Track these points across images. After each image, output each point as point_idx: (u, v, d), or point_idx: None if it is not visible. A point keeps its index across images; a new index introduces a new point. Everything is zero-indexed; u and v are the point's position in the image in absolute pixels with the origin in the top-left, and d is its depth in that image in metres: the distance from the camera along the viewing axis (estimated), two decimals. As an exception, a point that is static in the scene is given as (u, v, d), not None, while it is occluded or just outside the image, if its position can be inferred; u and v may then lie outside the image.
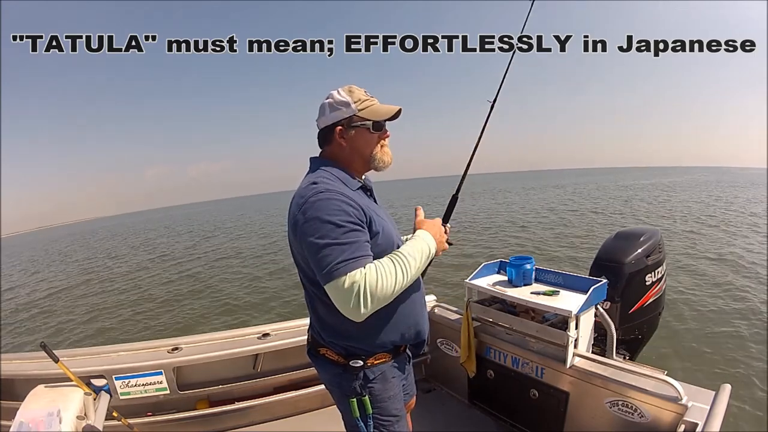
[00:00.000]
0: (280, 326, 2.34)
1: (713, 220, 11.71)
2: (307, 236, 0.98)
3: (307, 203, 0.99)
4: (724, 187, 26.39)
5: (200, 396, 2.18)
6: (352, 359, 1.11)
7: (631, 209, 15.44)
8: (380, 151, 1.15)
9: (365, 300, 0.92)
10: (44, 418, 1.30)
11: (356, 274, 0.93)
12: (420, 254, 1.06)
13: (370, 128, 1.11)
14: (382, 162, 1.16)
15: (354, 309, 0.93)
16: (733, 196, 20.02)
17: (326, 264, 0.94)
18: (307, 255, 1.00)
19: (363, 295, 0.92)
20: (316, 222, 0.96)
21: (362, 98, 1.10)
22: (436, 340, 2.39)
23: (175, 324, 6.57)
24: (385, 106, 1.14)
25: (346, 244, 0.95)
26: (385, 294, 0.95)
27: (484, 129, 1.73)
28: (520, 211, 16.73)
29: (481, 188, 40.98)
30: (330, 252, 0.94)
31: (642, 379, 1.52)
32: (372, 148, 1.14)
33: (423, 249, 1.08)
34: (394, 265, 0.99)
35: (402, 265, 0.99)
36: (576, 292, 1.80)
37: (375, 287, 0.93)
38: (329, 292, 0.96)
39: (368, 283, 0.93)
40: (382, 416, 1.14)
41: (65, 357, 1.75)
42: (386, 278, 0.95)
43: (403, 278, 0.99)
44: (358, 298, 0.92)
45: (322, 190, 1.00)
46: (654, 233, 2.35)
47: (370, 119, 1.10)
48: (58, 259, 19.92)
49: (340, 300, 0.94)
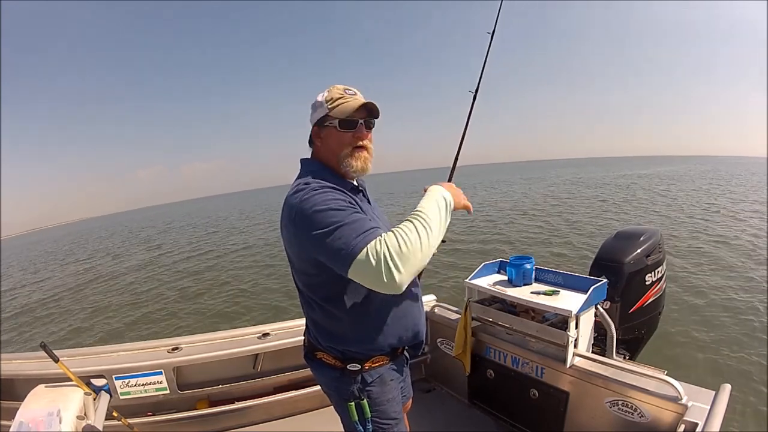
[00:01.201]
0: (280, 326, 2.34)
1: (713, 216, 11.70)
2: (310, 231, 0.93)
3: (302, 201, 0.96)
4: (722, 178, 26.56)
5: (200, 396, 2.18)
6: (350, 363, 1.10)
7: (628, 205, 15.39)
8: (350, 154, 1.08)
9: (396, 265, 0.84)
10: (44, 418, 1.30)
11: (375, 243, 0.86)
12: (436, 206, 0.97)
13: (336, 126, 1.07)
14: (350, 166, 1.09)
15: (389, 280, 0.84)
16: (731, 187, 20.08)
17: (340, 248, 0.88)
18: (317, 252, 0.95)
19: (393, 261, 0.84)
20: (316, 214, 0.93)
21: (335, 97, 1.06)
22: (436, 340, 2.39)
23: (176, 324, 6.57)
24: (355, 102, 1.06)
25: (353, 222, 0.91)
26: (414, 253, 0.86)
27: (469, 120, 1.71)
28: (522, 206, 16.70)
29: (477, 180, 40.99)
30: (339, 235, 0.89)
31: (642, 378, 1.52)
32: (341, 148, 1.08)
33: (438, 200, 0.99)
34: (412, 223, 0.91)
35: (421, 221, 0.91)
36: (576, 292, 1.80)
37: (401, 249, 0.85)
38: (355, 276, 0.89)
39: (392, 248, 0.85)
40: (381, 419, 1.14)
41: (65, 357, 1.75)
42: (409, 237, 0.87)
43: (426, 233, 0.90)
44: (388, 266, 0.84)
45: (315, 186, 0.99)
46: (654, 233, 2.35)
47: (337, 118, 1.06)
48: (57, 260, 19.92)
49: (371, 276, 0.86)
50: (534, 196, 20.66)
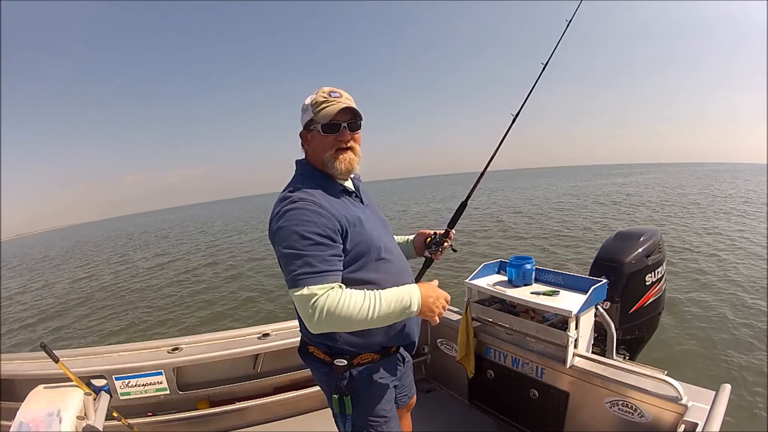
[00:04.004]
0: (280, 326, 2.34)
1: (714, 216, 11.71)
2: (277, 244, 1.03)
3: (280, 212, 1.03)
4: (723, 180, 26.33)
5: (200, 396, 2.18)
6: (337, 358, 1.12)
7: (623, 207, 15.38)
8: (334, 156, 1.11)
9: (320, 315, 0.94)
10: (44, 418, 1.29)
11: (316, 288, 0.96)
12: (398, 301, 1.02)
13: (320, 131, 1.10)
14: (336, 169, 1.12)
15: (308, 320, 0.96)
16: (729, 189, 19.90)
17: (290, 272, 0.98)
18: (278, 261, 1.06)
19: (320, 310, 0.94)
20: (285, 231, 1.00)
21: (320, 101, 1.08)
22: (436, 340, 2.40)
23: (176, 324, 6.57)
24: (337, 105, 1.08)
25: (310, 256, 0.97)
26: (343, 317, 0.95)
27: (503, 141, 1.64)
28: (522, 209, 16.71)
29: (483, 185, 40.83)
30: (294, 261, 0.98)
31: (642, 379, 1.52)
32: (326, 151, 1.11)
33: (403, 298, 1.03)
34: (364, 298, 0.98)
35: (372, 302, 0.98)
36: (576, 292, 1.80)
37: (334, 307, 0.95)
38: (293, 299, 0.99)
39: (329, 301, 0.95)
40: (369, 416, 1.15)
41: (65, 357, 1.75)
42: (349, 304, 0.96)
43: (368, 313, 0.97)
44: (314, 311, 0.94)
45: (295, 199, 1.03)
46: (654, 233, 2.35)
47: (320, 121, 1.09)
48: (55, 262, 19.91)
49: (299, 308, 0.98)
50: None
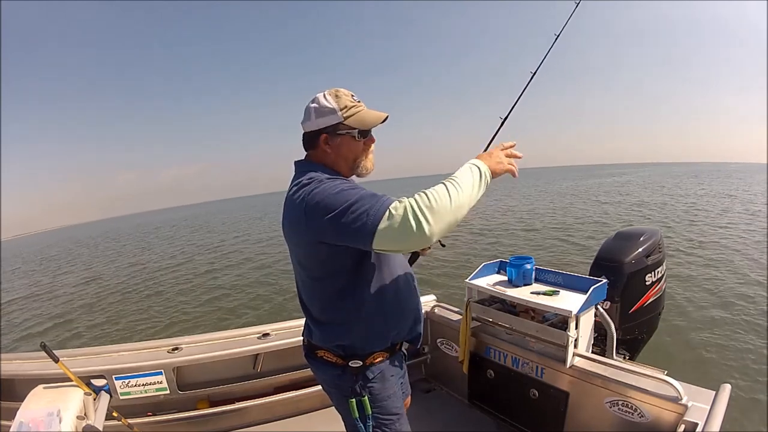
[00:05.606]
0: (280, 326, 2.34)
1: (712, 217, 11.71)
2: (325, 216, 0.91)
3: (313, 193, 0.95)
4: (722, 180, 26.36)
5: (200, 396, 2.18)
6: (351, 360, 1.11)
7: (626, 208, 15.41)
8: (365, 159, 1.13)
9: (425, 215, 0.83)
10: (44, 418, 1.29)
11: (396, 203, 0.87)
12: (469, 171, 0.96)
13: (355, 136, 1.08)
14: (365, 169, 1.15)
15: (418, 230, 0.83)
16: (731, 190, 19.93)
17: (361, 217, 0.87)
18: (337, 233, 0.92)
19: (421, 212, 0.83)
20: (328, 198, 0.92)
21: (348, 105, 1.06)
22: (436, 340, 2.39)
23: (176, 324, 6.57)
24: (372, 114, 1.09)
25: (368, 194, 0.92)
26: (443, 207, 0.85)
27: (491, 143, 1.58)
28: (527, 211, 16.70)
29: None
30: (358, 206, 0.88)
31: (642, 379, 1.52)
32: (358, 155, 1.11)
33: (472, 168, 0.98)
34: (442, 183, 0.91)
35: (450, 181, 0.92)
36: (576, 292, 1.80)
37: (429, 201, 0.85)
38: (382, 238, 0.86)
39: (419, 200, 0.85)
40: (382, 415, 1.14)
41: (65, 357, 1.75)
42: (437, 192, 0.88)
43: (456, 191, 0.89)
44: (416, 217, 0.83)
45: (321, 178, 1.00)
46: (654, 233, 2.35)
47: (356, 128, 1.07)
48: (55, 262, 19.92)
49: (399, 230, 0.84)
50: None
